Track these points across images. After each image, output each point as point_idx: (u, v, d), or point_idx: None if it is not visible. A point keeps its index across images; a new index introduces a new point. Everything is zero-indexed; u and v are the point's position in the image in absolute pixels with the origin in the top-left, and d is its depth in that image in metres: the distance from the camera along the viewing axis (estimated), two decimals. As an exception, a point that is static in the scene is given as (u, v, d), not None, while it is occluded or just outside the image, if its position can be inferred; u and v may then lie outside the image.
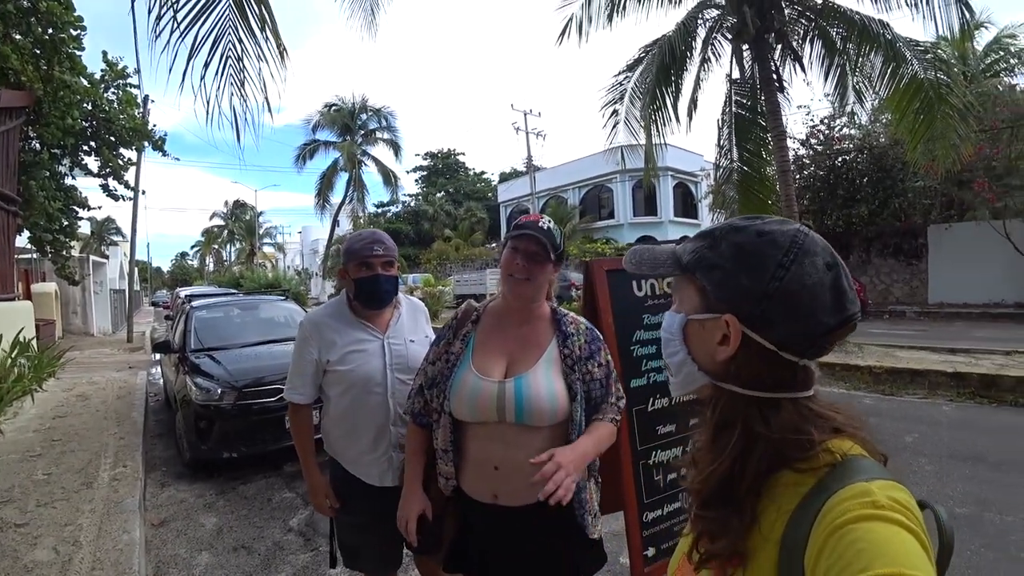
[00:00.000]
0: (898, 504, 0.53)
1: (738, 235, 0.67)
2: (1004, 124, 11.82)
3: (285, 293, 7.69)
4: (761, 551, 0.61)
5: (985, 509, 3.31)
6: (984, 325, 11.18)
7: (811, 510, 0.57)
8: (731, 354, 0.66)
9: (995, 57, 15.47)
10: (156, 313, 28.88)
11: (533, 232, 1.42)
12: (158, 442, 5.41)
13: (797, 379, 0.65)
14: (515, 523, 1.43)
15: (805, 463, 0.61)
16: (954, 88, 6.93)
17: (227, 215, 56.53)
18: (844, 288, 0.63)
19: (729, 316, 0.65)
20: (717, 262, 0.67)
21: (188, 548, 3.25)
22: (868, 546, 0.49)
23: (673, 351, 0.74)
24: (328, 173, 29.67)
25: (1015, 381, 5.61)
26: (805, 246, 0.64)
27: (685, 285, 0.73)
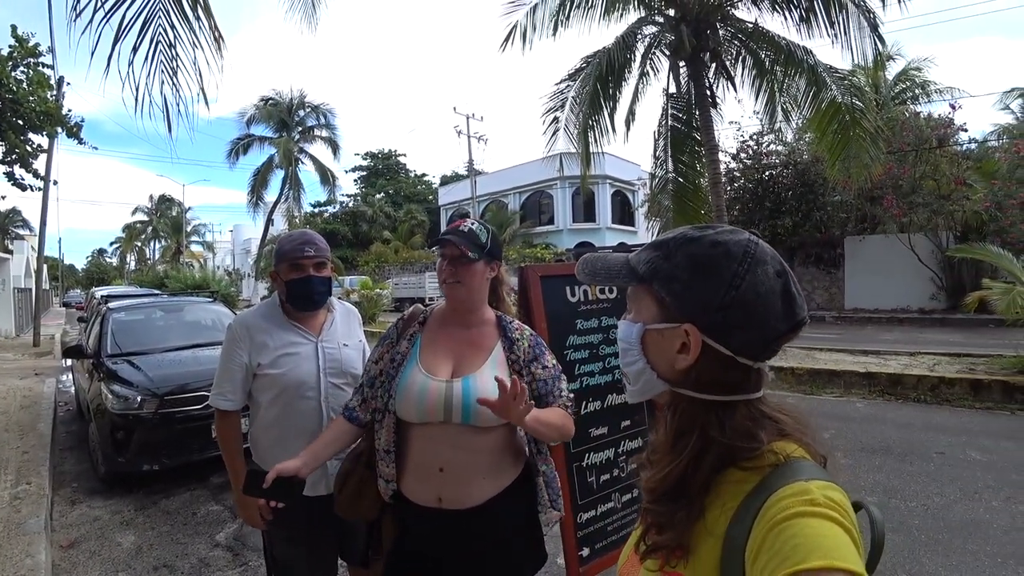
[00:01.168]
0: (833, 502, 0.56)
1: (692, 246, 0.70)
2: (909, 147, 13.01)
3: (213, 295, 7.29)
4: (705, 545, 0.64)
5: (891, 497, 3.61)
6: (892, 329, 12.19)
7: (753, 507, 0.60)
8: (691, 362, 0.68)
9: (903, 86, 17.01)
10: (68, 314, 26.66)
11: (450, 237, 1.45)
12: (68, 456, 4.99)
13: (751, 381, 0.69)
14: (459, 527, 1.42)
15: (751, 462, 0.64)
16: (867, 113, 7.56)
17: (151, 210, 52.96)
18: (793, 294, 0.67)
19: (689, 326, 0.67)
20: (674, 273, 0.69)
21: (102, 570, 3.02)
22: (804, 541, 0.53)
23: (632, 360, 0.74)
24: (263, 170, 28.40)
25: (917, 379, 6.15)
26: (757, 255, 0.67)
27: (642, 295, 0.74)
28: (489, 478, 1.43)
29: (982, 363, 6.67)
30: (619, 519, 2.43)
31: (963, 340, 9.37)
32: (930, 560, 2.85)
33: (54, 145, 11.18)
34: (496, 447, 1.44)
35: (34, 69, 7.19)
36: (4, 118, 6.79)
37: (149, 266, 49.29)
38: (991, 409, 5.49)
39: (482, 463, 1.42)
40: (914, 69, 17.04)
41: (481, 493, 1.42)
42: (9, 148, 7.05)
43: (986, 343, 8.45)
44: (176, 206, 48.55)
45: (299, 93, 28.75)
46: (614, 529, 2.40)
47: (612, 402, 2.41)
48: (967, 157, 13.85)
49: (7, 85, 6.66)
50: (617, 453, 2.43)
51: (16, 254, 21.82)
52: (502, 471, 1.46)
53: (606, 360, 2.41)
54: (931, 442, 4.62)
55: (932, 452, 4.38)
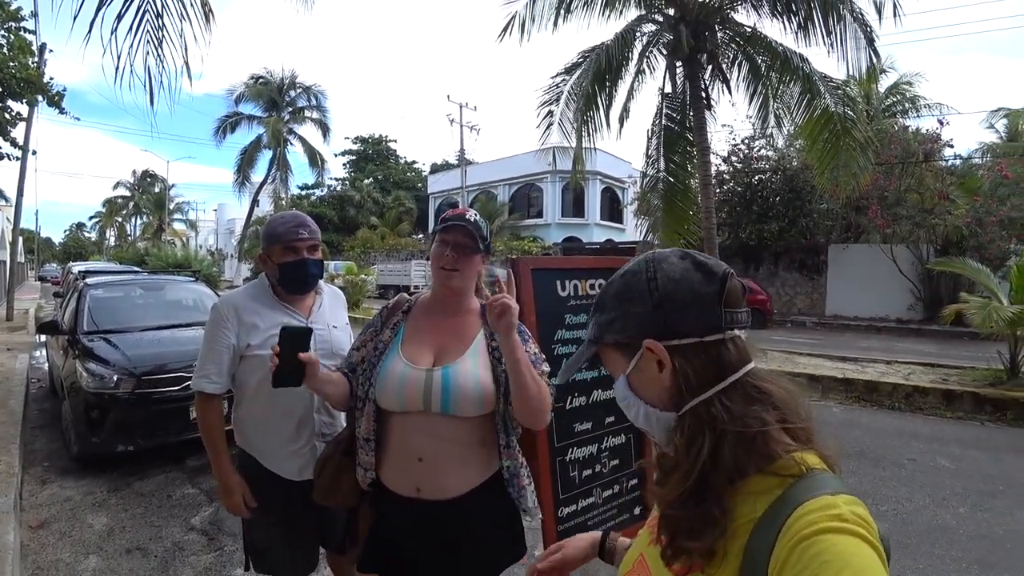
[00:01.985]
0: (860, 519, 0.56)
1: (611, 287, 0.78)
2: (896, 160, 13.22)
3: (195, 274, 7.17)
4: (725, 555, 0.63)
5: (864, 500, 3.66)
6: (870, 337, 12.43)
7: (778, 519, 0.59)
8: (672, 370, 0.69)
9: (894, 100, 17.25)
10: (43, 289, 26.10)
11: (461, 223, 1.42)
12: (40, 434, 4.88)
13: (732, 354, 0.69)
14: (437, 518, 1.41)
15: (772, 468, 0.63)
16: (858, 123, 7.64)
17: (134, 186, 51.91)
18: (702, 261, 0.73)
19: (648, 341, 0.71)
20: (609, 316, 0.76)
21: (73, 552, 2.96)
22: (833, 558, 0.52)
23: (634, 409, 0.77)
24: (250, 149, 27.92)
25: (892, 387, 6.29)
26: (657, 257, 0.75)
27: (606, 354, 0.80)
28: (469, 469, 1.43)
29: (955, 374, 6.84)
30: (599, 514, 2.44)
31: (938, 351, 9.59)
32: (897, 563, 2.92)
33: (34, 113, 10.86)
34: (476, 438, 1.43)
35: (15, 34, 6.95)
36: (-18, 84, 6.58)
37: (129, 243, 48.34)
38: (962, 419, 5.63)
39: (462, 454, 1.41)
40: (905, 83, 17.30)
41: (460, 485, 1.41)
42: (-13, 115, 6.84)
43: (960, 355, 8.67)
44: (159, 182, 47.64)
45: (290, 73, 28.31)
46: (594, 524, 2.42)
47: (597, 398, 2.42)
48: (951, 173, 14.13)
49: (-14, 49, 6.45)
50: (600, 449, 2.44)
51: (-10, 224, 21.25)
52: (483, 462, 1.45)
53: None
54: (903, 448, 4.73)
55: (904, 458, 4.49)
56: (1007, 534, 3.25)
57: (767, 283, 15.86)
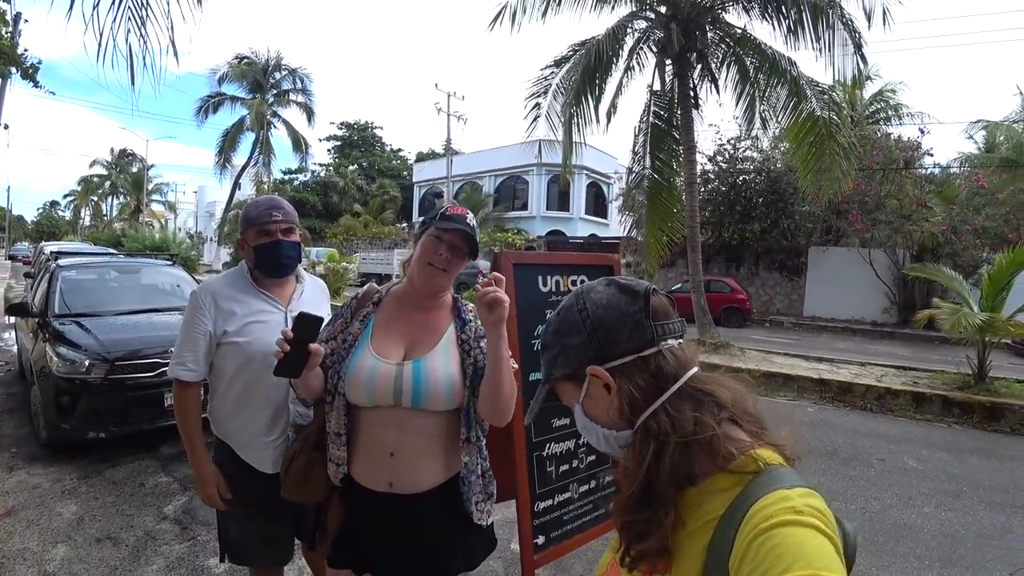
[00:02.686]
0: (815, 510, 0.57)
1: (550, 326, 0.84)
2: (878, 166, 13.46)
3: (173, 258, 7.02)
4: (688, 554, 0.65)
5: (833, 499, 3.78)
6: (846, 338, 12.69)
7: (736, 516, 0.61)
8: (617, 391, 0.73)
9: (877, 106, 17.53)
10: (13, 268, 25.33)
11: (463, 227, 1.40)
12: (7, 419, 4.75)
13: (671, 365, 0.73)
14: (408, 511, 1.41)
15: (732, 466, 0.66)
16: (842, 129, 7.76)
17: (111, 164, 50.48)
18: (626, 284, 0.79)
19: (589, 367, 0.76)
20: (553, 352, 0.82)
21: (40, 540, 2.89)
22: (786, 550, 0.53)
23: (593, 434, 0.80)
24: (232, 131, 27.35)
25: (865, 389, 6.43)
26: (584, 289, 0.81)
27: (560, 388, 0.85)
28: (440, 463, 1.42)
29: (925, 377, 7.02)
30: (575, 509, 2.47)
31: (910, 354, 9.84)
32: (863, 560, 3.00)
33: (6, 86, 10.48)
34: (447, 431, 1.42)
35: (-13, 3, 6.68)
36: (-49, 53, 6.32)
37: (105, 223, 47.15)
38: (930, 421, 5.79)
39: (432, 448, 1.41)
40: (889, 91, 17.59)
41: (431, 478, 1.41)
42: (-44, 86, 6.56)
43: (931, 359, 8.91)
44: (138, 162, 46.41)
45: (276, 54, 27.74)
46: (570, 519, 2.44)
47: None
48: (930, 181, 14.47)
49: (-44, 18, 6.19)
50: (577, 444, 2.46)
51: (-42, 200, 20.53)
52: (453, 456, 1.45)
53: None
54: (873, 449, 4.85)
55: (874, 458, 4.60)
56: (969, 533, 3.36)
57: (747, 283, 16.08)
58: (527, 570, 2.21)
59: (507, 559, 2.85)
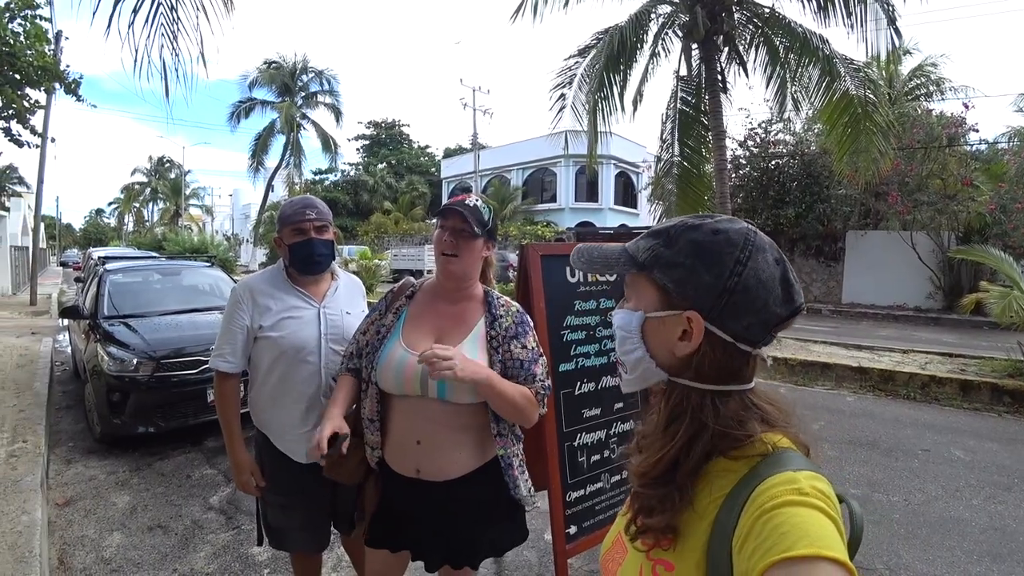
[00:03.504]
0: (820, 492, 0.58)
1: (694, 233, 0.70)
2: (919, 145, 12.86)
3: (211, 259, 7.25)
4: (693, 531, 0.66)
5: (875, 490, 3.68)
6: (887, 325, 12.25)
7: (742, 495, 0.62)
8: (693, 349, 0.69)
9: (917, 82, 16.73)
10: (65, 274, 26.63)
11: (459, 208, 1.44)
12: (65, 415, 5.02)
13: (748, 369, 0.70)
14: (437, 498, 1.45)
15: (739, 451, 0.66)
16: (879, 107, 7.44)
17: (151, 171, 52.44)
18: (791, 281, 0.69)
19: (692, 312, 0.68)
20: (676, 260, 0.70)
21: (97, 528, 3.07)
22: (791, 529, 0.54)
23: (630, 348, 0.74)
24: (264, 134, 28.03)
25: (908, 377, 6.20)
26: (757, 243, 0.68)
27: (641, 283, 0.74)
28: (465, 453, 1.46)
29: (973, 364, 6.73)
30: (607, 499, 2.47)
31: (956, 340, 9.43)
32: (908, 553, 2.92)
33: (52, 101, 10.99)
34: (473, 423, 1.46)
35: (31, 22, 7.00)
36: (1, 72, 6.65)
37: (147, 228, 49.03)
38: (979, 410, 5.56)
39: (458, 439, 1.44)
40: (929, 65, 16.75)
41: (458, 467, 1.45)
42: (6, 103, 6.91)
43: (979, 345, 8.52)
44: (176, 168, 48.06)
45: (302, 58, 28.24)
46: (602, 509, 2.45)
47: (606, 384, 2.43)
48: (976, 158, 13.71)
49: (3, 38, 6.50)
50: (608, 434, 2.46)
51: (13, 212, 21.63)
52: (480, 446, 1.48)
53: (602, 342, 2.43)
54: (917, 439, 4.69)
55: (918, 449, 4.45)
56: (1021, 527, 3.22)
57: (783, 270, 15.61)
58: (560, 560, 2.23)
59: (540, 549, 2.87)
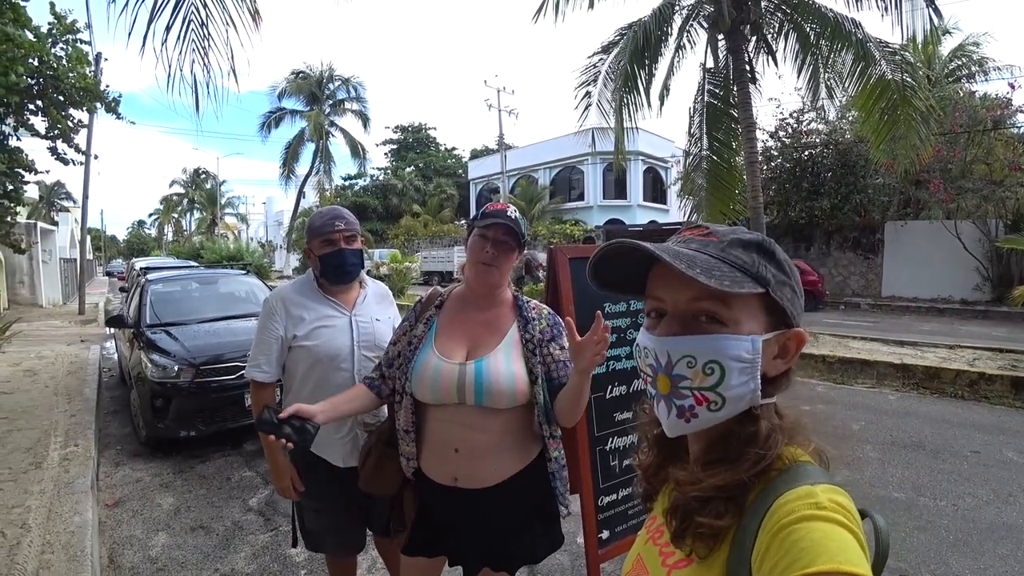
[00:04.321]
0: (839, 506, 0.56)
1: (778, 248, 0.69)
2: (961, 129, 12.30)
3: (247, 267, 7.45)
4: (718, 548, 0.64)
5: (920, 494, 3.53)
6: (931, 319, 11.76)
7: (760, 511, 0.60)
8: (786, 368, 0.67)
9: (958, 63, 15.99)
10: (111, 283, 27.77)
11: (503, 221, 1.44)
12: (112, 420, 5.25)
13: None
14: (474, 506, 1.46)
15: (760, 466, 0.64)
16: (918, 91, 7.14)
17: (187, 183, 54.34)
18: None
19: (798, 331, 0.66)
20: (782, 278, 0.66)
21: (144, 529, 3.19)
22: (810, 544, 0.52)
23: (744, 380, 0.64)
24: (294, 143, 28.78)
25: (955, 374, 5.93)
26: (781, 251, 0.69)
27: (749, 302, 0.65)
28: (504, 459, 1.46)
29: (1027, 358, 6.40)
30: (639, 504, 2.44)
31: (1007, 335, 8.99)
32: (957, 561, 2.79)
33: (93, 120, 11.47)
34: (511, 429, 1.46)
35: (73, 46, 7.32)
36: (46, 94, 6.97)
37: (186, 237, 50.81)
38: (1033, 407, 5.28)
39: (496, 444, 1.45)
40: (971, 44, 15.98)
41: (496, 474, 1.45)
42: (51, 124, 7.24)
43: (1032, 337, 8.10)
44: (211, 178, 49.69)
45: (328, 66, 28.86)
46: (634, 513, 2.42)
47: (638, 387, 2.40)
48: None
49: (48, 62, 6.82)
50: (640, 439, 2.43)
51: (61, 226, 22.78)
52: (518, 452, 1.48)
53: (634, 344, 2.40)
54: (966, 440, 4.48)
55: (966, 450, 4.25)
56: (1082, 530, 3.05)
57: (818, 263, 15.18)
58: (592, 565, 2.21)
59: (573, 552, 2.86)
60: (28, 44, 6.47)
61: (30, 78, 6.75)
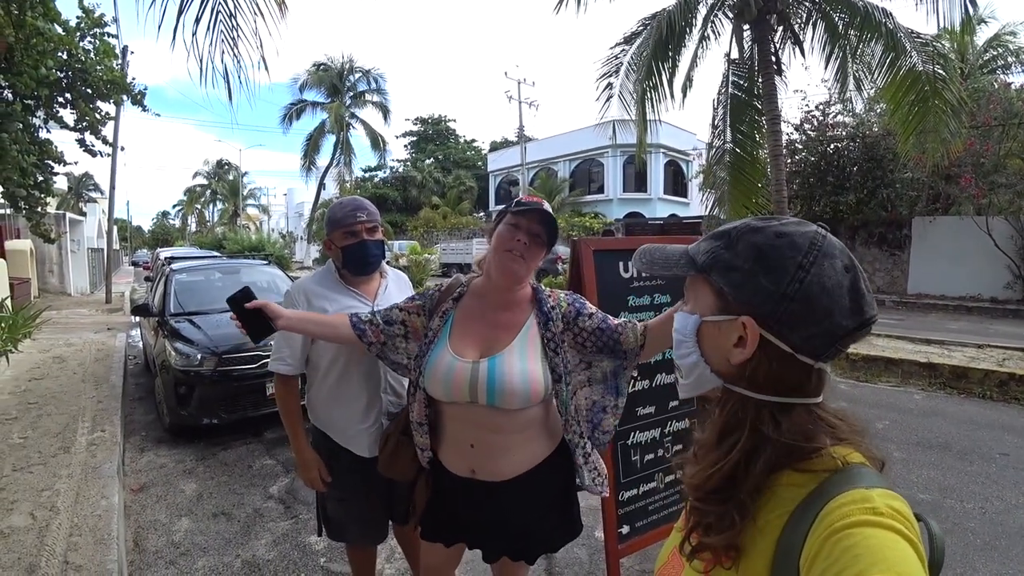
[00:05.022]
0: (897, 513, 0.53)
1: (756, 235, 0.67)
2: (996, 122, 11.89)
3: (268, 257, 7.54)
4: (756, 548, 0.62)
5: (946, 496, 3.45)
6: (959, 317, 11.45)
7: (810, 513, 0.58)
8: (747, 357, 0.65)
9: (994, 54, 15.45)
10: (136, 273, 28.42)
11: (539, 209, 1.39)
12: (137, 406, 5.36)
13: (812, 383, 0.66)
14: (492, 497, 1.45)
15: (808, 464, 0.62)
16: (950, 83, 6.91)
17: (210, 174, 55.21)
18: (862, 290, 0.64)
19: (747, 318, 0.64)
20: (735, 263, 0.67)
21: (168, 514, 3.26)
22: (865, 551, 0.50)
23: (686, 353, 0.73)
24: (315, 135, 29.00)
25: (984, 374, 5.77)
26: (824, 248, 0.64)
27: (700, 285, 0.72)
28: (522, 454, 1.44)
29: (1060, 359, 6.20)
30: (661, 499, 2.42)
31: (1040, 333, 8.71)
32: (984, 566, 2.72)
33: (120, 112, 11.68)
34: (527, 426, 1.43)
35: (100, 39, 7.45)
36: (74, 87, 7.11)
37: (208, 228, 51.66)
38: (1066, 409, 5.11)
39: (511, 443, 1.42)
40: (1008, 34, 15.40)
41: (513, 468, 1.43)
42: (80, 116, 7.39)
43: (1067, 337, 7.84)
44: (233, 170, 50.40)
45: (349, 58, 28.96)
46: (655, 509, 2.40)
47: (661, 382, 2.38)
48: (1062, 134, 12.55)
49: (76, 55, 6.95)
50: (663, 433, 2.41)
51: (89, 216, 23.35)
52: (535, 447, 1.46)
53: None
54: (995, 442, 4.36)
55: (995, 452, 4.13)
56: (1119, 537, 2.95)
57: (842, 259, 14.86)
58: (611, 559, 2.20)
59: (591, 547, 2.85)
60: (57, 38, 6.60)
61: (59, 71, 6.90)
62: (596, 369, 1.47)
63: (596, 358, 1.46)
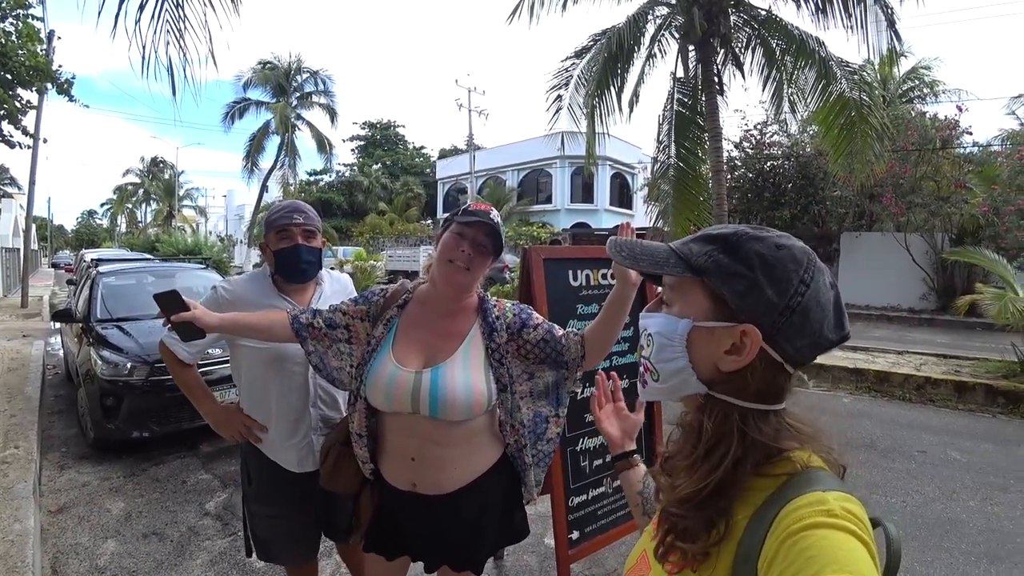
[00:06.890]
0: (851, 514, 0.55)
1: (758, 244, 0.67)
2: (913, 147, 12.95)
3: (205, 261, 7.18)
4: (719, 553, 0.63)
5: (873, 492, 3.69)
6: (882, 326, 12.31)
7: (767, 516, 0.59)
8: (742, 366, 0.66)
9: (911, 84, 16.83)
10: (57, 275, 26.38)
11: (486, 221, 1.37)
12: (57, 420, 4.97)
13: (788, 391, 0.69)
14: (433, 511, 1.42)
15: (768, 469, 0.64)
16: (874, 109, 7.48)
17: (144, 172, 52.14)
18: (842, 307, 0.67)
19: (750, 327, 0.64)
20: (737, 270, 0.66)
21: (91, 536, 3.02)
22: (819, 553, 0.51)
23: (671, 357, 0.71)
24: (258, 135, 27.88)
25: (904, 378, 6.23)
26: (817, 264, 0.66)
27: (691, 289, 0.70)
28: (463, 467, 1.42)
29: (968, 365, 6.77)
30: (610, 504, 2.46)
31: (950, 342, 9.49)
32: (905, 555, 2.89)
33: (43, 101, 10.89)
34: (470, 437, 1.41)
35: (23, 21, 6.93)
36: (-8, 71, 6.59)
37: (140, 229, 48.69)
38: (974, 411, 5.58)
39: (453, 455, 1.40)
40: (923, 68, 16.84)
41: (454, 482, 1.41)
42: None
43: (972, 346, 8.57)
44: (169, 169, 47.83)
45: (297, 58, 28.11)
46: (604, 514, 2.44)
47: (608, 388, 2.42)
48: (969, 160, 13.81)
49: (-5, 37, 6.44)
50: (611, 440, 2.45)
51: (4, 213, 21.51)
52: (478, 459, 1.44)
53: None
54: (914, 440, 4.70)
55: (914, 450, 4.46)
56: (1017, 528, 3.24)
57: (777, 271, 15.68)
58: (562, 565, 2.22)
59: (541, 554, 2.85)
60: (-29, 18, 6.09)
61: (-27, 55, 6.36)
62: (539, 380, 1.47)
63: (539, 369, 1.46)
